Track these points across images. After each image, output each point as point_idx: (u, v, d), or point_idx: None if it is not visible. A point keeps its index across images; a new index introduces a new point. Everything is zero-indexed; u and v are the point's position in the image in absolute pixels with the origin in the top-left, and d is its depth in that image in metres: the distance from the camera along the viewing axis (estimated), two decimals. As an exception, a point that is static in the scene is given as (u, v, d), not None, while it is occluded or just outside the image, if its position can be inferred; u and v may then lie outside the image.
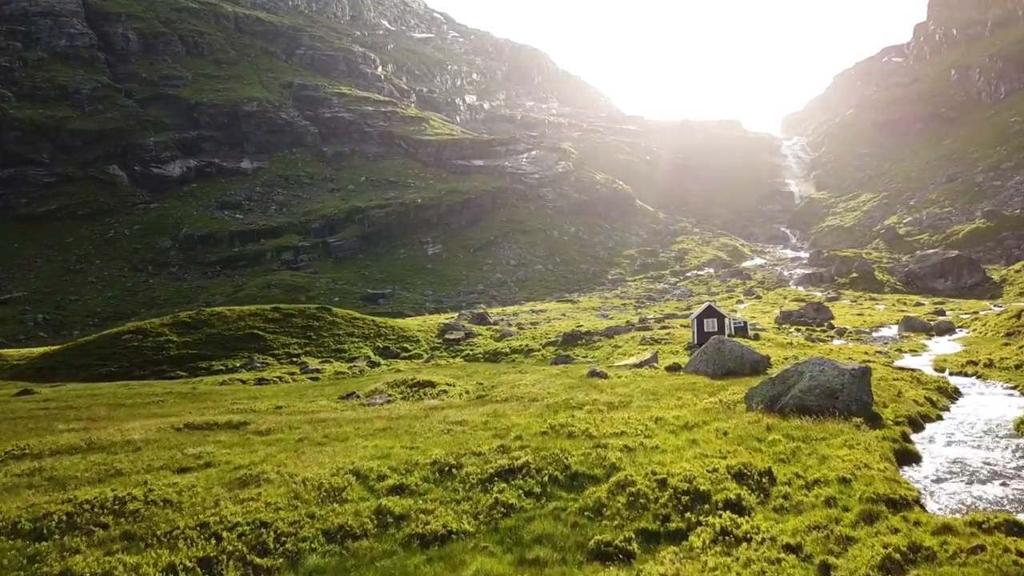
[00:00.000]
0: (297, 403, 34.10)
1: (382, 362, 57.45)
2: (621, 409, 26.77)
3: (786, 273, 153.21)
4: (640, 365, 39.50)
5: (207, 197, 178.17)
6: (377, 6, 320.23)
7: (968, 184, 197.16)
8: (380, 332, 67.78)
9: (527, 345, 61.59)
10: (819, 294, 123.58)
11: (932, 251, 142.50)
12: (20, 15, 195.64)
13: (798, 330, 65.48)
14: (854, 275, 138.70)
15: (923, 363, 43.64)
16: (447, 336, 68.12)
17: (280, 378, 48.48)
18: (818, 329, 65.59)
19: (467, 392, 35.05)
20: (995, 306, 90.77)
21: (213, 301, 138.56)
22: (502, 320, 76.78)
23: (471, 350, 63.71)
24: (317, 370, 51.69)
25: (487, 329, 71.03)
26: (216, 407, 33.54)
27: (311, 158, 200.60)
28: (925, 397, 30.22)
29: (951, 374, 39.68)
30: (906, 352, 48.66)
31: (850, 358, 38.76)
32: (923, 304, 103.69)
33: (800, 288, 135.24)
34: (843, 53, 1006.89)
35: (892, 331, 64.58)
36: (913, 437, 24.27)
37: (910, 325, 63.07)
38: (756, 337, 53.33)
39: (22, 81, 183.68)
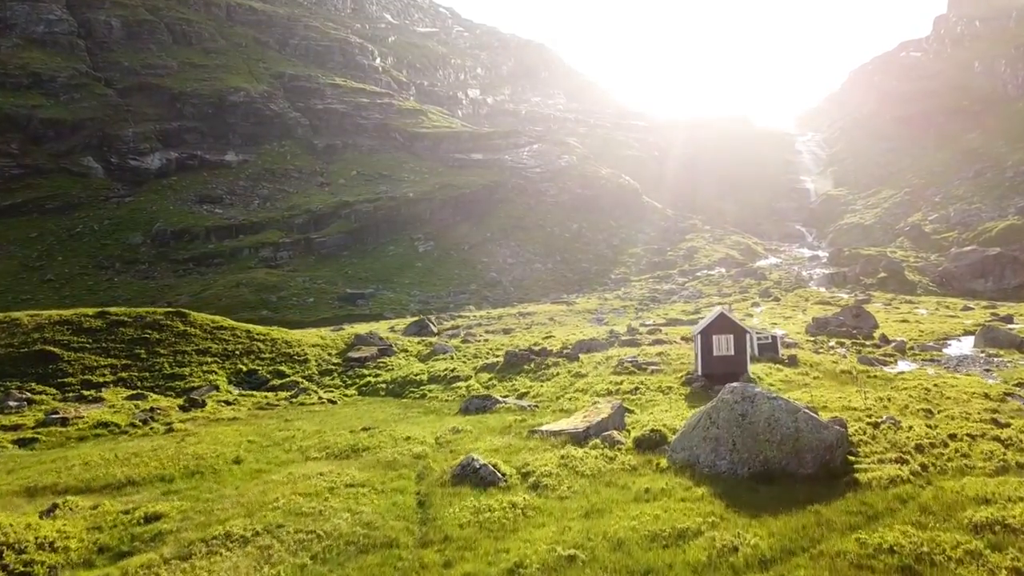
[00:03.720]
0: None
1: (235, 394, 41.14)
2: None
3: (805, 273, 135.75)
4: (585, 436, 21.22)
5: (186, 191, 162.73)
6: None
7: (997, 179, 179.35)
8: (252, 348, 50.43)
9: (453, 370, 45.05)
10: (845, 296, 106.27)
11: (969, 248, 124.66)
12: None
13: (840, 344, 48.64)
14: (882, 275, 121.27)
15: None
16: (351, 354, 51.26)
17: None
18: (867, 344, 48.62)
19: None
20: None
21: (176, 301, 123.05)
22: (459, 330, 59.77)
23: (375, 376, 46.96)
24: (64, 419, 32.42)
25: (419, 343, 54.34)
26: None
27: (301, 151, 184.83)
28: None
29: None
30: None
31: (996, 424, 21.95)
32: (971, 308, 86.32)
33: (822, 289, 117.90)
34: (857, 49, 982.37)
35: (964, 345, 47.75)
36: None
37: (992, 338, 46.11)
38: (793, 362, 36.24)
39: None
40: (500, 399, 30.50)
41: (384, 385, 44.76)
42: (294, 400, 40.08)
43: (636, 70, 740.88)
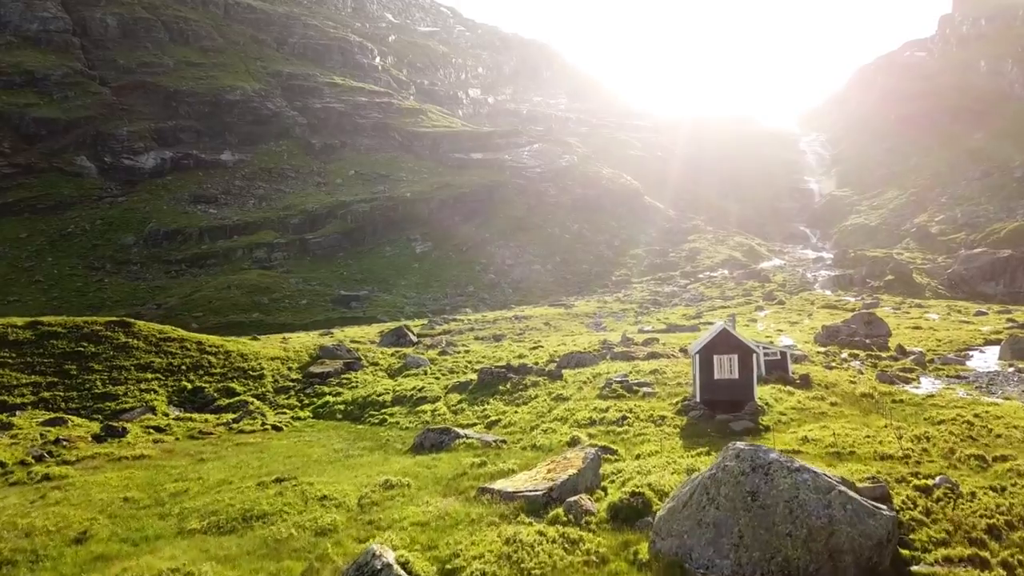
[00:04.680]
0: None
1: (171, 417, 36.69)
2: None
3: (810, 275, 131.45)
4: (547, 502, 16.32)
5: (181, 191, 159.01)
6: None
7: (1005, 180, 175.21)
8: (202, 362, 45.48)
9: (422, 389, 40.40)
10: (852, 299, 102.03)
11: (979, 251, 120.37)
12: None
13: (854, 355, 44.50)
14: (889, 277, 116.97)
15: None
16: (313, 369, 47.14)
17: None
18: (883, 356, 44.39)
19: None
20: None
21: (165, 303, 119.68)
22: (440, 338, 55.20)
23: (335, 396, 42.61)
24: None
25: (392, 354, 50.12)
26: None
27: (298, 151, 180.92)
28: None
29: None
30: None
31: None
32: (985, 312, 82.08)
33: (828, 292, 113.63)
34: (861, 49, 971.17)
35: (988, 358, 43.61)
36: None
37: (1020, 350, 41.85)
38: (805, 383, 31.54)
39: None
40: (461, 432, 26.21)
41: (342, 407, 40.40)
42: (234, 425, 35.80)
43: (639, 69, 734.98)
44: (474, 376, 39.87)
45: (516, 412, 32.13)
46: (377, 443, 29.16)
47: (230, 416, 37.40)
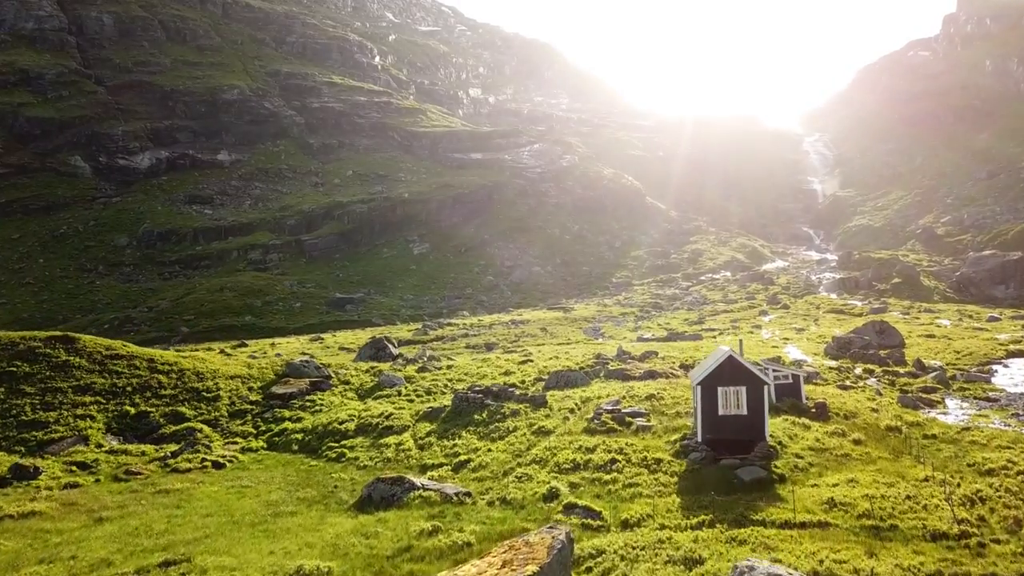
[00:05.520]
0: None
1: (104, 450, 32.64)
2: None
3: (814, 277, 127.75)
4: None
5: (176, 191, 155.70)
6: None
7: (1012, 180, 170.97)
8: (151, 382, 41.16)
9: (390, 416, 36.28)
10: (859, 303, 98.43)
11: (988, 253, 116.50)
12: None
13: (869, 371, 40.89)
14: (896, 280, 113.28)
15: None
16: (276, 389, 43.32)
17: None
18: (901, 372, 40.59)
19: None
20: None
21: (156, 307, 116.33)
22: (424, 350, 51.18)
23: (295, 422, 38.66)
24: None
25: (367, 371, 46.22)
26: None
27: (295, 150, 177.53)
28: None
29: None
30: None
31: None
32: (997, 318, 78.43)
33: (833, 295, 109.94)
34: (864, 48, 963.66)
35: (1014, 373, 40.00)
36: None
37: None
38: (822, 413, 27.42)
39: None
40: (418, 483, 22.39)
41: (300, 436, 36.51)
42: (171, 461, 31.96)
43: (641, 69, 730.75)
44: (449, 401, 36.27)
45: (490, 450, 28.43)
46: (322, 491, 25.53)
47: (171, 448, 33.62)
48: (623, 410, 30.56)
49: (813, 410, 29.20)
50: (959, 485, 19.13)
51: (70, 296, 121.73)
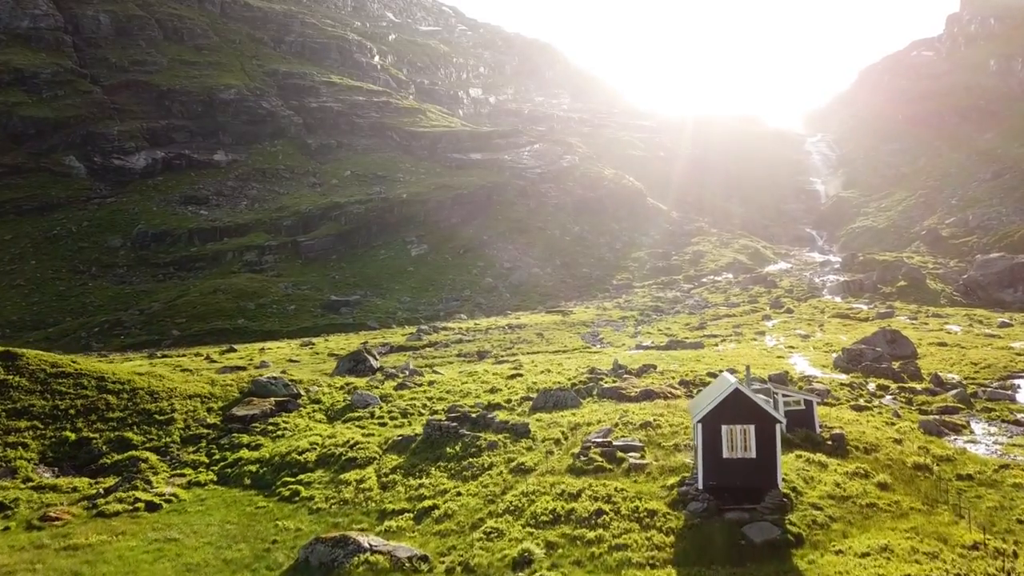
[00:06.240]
0: None
1: (30, 485, 28.62)
2: None
3: (818, 280, 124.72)
4: None
5: (172, 191, 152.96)
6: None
7: (1018, 180, 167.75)
8: (98, 404, 37.40)
9: (356, 445, 32.65)
10: (865, 307, 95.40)
11: (996, 256, 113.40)
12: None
13: (884, 389, 37.89)
14: (902, 284, 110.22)
15: None
16: (237, 411, 39.66)
17: None
18: (918, 389, 37.35)
19: None
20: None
21: (147, 309, 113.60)
22: (406, 364, 47.71)
23: (252, 450, 34.91)
24: None
25: (341, 388, 42.85)
26: None
27: (293, 151, 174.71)
28: None
29: None
30: None
31: None
32: (1009, 324, 75.50)
33: (838, 299, 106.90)
34: (867, 48, 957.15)
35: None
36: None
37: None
38: (839, 446, 24.36)
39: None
40: (365, 543, 19.16)
41: (255, 467, 32.87)
42: (99, 502, 28.43)
43: (643, 69, 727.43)
44: (421, 428, 32.90)
45: (460, 493, 25.26)
46: (257, 549, 22.43)
47: (107, 483, 30.37)
48: (614, 443, 27.11)
49: (829, 442, 25.84)
50: (1015, 554, 16.19)
51: (61, 298, 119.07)
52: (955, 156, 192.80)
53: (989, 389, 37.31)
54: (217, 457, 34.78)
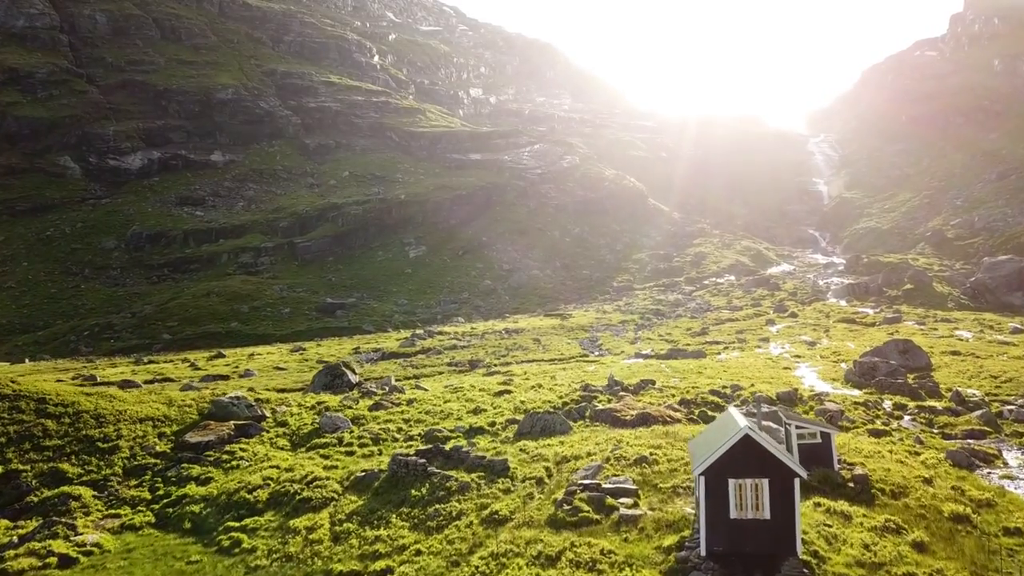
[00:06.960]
0: None
1: None
2: None
3: (822, 282, 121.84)
4: None
5: (168, 192, 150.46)
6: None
7: (1023, 182, 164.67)
8: (34, 430, 33.70)
9: (315, 481, 29.22)
10: (871, 311, 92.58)
11: (1004, 258, 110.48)
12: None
13: (901, 408, 35.19)
14: (908, 286, 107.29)
15: None
16: (191, 437, 36.07)
17: None
18: (939, 409, 34.58)
19: None
20: None
21: (139, 312, 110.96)
22: (384, 384, 44.54)
23: (201, 485, 31.43)
24: None
25: (310, 409, 39.53)
26: None
27: (291, 151, 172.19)
28: None
29: None
30: None
31: None
32: (1021, 329, 72.54)
33: (843, 302, 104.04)
34: (870, 48, 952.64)
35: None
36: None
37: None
38: (863, 491, 20.81)
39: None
40: None
41: (199, 507, 29.40)
42: (8, 553, 25.10)
43: (644, 70, 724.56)
44: (381, 468, 29.44)
45: (420, 552, 22.13)
46: None
47: (28, 527, 27.14)
48: (604, 485, 23.75)
49: (851, 484, 22.44)
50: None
51: (52, 300, 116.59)
52: (959, 157, 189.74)
53: (1015, 409, 34.55)
54: (161, 493, 31.52)
